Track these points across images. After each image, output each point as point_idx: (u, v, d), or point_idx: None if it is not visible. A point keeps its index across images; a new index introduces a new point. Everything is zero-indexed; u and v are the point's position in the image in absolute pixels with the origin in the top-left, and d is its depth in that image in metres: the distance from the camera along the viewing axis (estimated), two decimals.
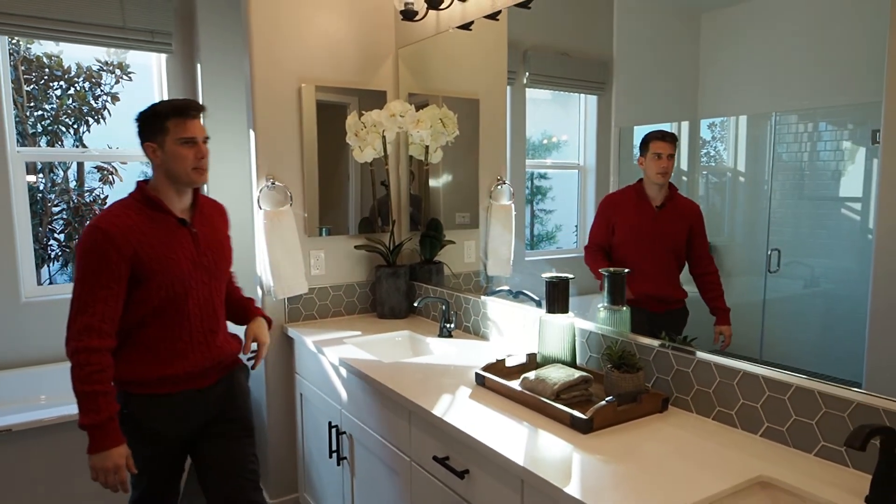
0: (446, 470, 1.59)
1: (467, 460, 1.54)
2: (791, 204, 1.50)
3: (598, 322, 1.88)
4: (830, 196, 1.40)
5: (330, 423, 2.29)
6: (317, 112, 2.69)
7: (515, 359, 1.95)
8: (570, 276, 1.86)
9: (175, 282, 1.73)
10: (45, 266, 3.65)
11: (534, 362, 1.93)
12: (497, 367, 1.90)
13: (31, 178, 3.38)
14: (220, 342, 1.87)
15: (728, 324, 1.62)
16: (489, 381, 1.81)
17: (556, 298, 1.85)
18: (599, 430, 1.50)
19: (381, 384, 1.89)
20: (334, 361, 2.21)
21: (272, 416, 2.71)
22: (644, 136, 1.80)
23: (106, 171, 3.75)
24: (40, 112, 3.54)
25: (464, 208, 2.64)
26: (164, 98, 3.52)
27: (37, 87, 3.51)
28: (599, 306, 1.86)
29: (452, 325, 2.47)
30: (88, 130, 3.65)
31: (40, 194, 3.57)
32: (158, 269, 1.70)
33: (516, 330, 2.25)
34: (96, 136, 3.66)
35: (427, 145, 2.66)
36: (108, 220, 1.67)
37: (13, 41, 3.30)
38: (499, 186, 2.42)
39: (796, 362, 1.44)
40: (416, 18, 2.54)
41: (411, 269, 2.84)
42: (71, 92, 3.59)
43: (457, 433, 1.54)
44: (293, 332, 2.58)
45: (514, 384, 1.74)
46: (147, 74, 3.58)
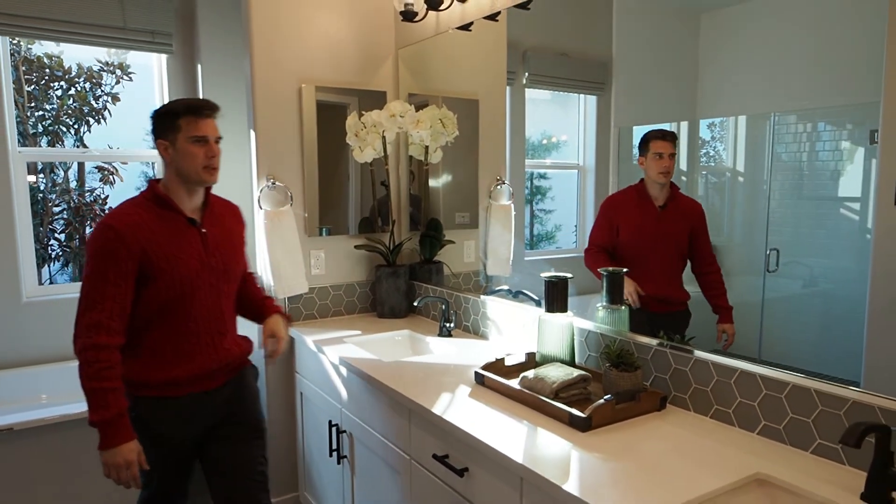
0: (446, 468, 1.60)
1: (467, 458, 1.55)
2: (790, 204, 1.50)
3: (596, 321, 1.89)
4: (829, 196, 1.40)
5: (330, 421, 2.30)
6: (317, 112, 2.69)
7: (515, 358, 1.96)
8: (568, 276, 1.86)
9: (182, 281, 1.72)
10: (46, 266, 3.66)
11: (533, 361, 1.94)
12: (496, 366, 1.90)
13: (32, 178, 3.39)
14: (227, 344, 1.86)
15: (731, 322, 1.62)
16: (488, 379, 1.82)
17: (555, 298, 1.86)
18: (598, 429, 1.51)
19: (381, 383, 1.90)
20: (334, 361, 2.22)
21: (272, 416, 2.72)
22: (643, 136, 1.79)
23: (106, 172, 3.76)
24: (41, 112, 3.54)
25: (463, 208, 2.65)
26: (165, 99, 3.55)
27: (37, 87, 3.51)
28: (598, 305, 1.87)
29: (452, 325, 2.48)
30: (89, 130, 3.66)
31: (41, 194, 3.57)
32: (166, 268, 1.69)
33: (515, 329, 2.26)
34: (97, 137, 3.66)
35: (427, 145, 2.66)
36: (118, 218, 1.67)
37: (14, 41, 3.31)
38: (498, 186, 2.43)
39: (795, 362, 1.44)
40: (416, 19, 2.55)
41: (411, 268, 2.85)
42: (72, 92, 3.60)
43: (456, 431, 1.55)
44: (293, 331, 2.58)
45: (514, 383, 1.75)
46: (148, 75, 3.59)
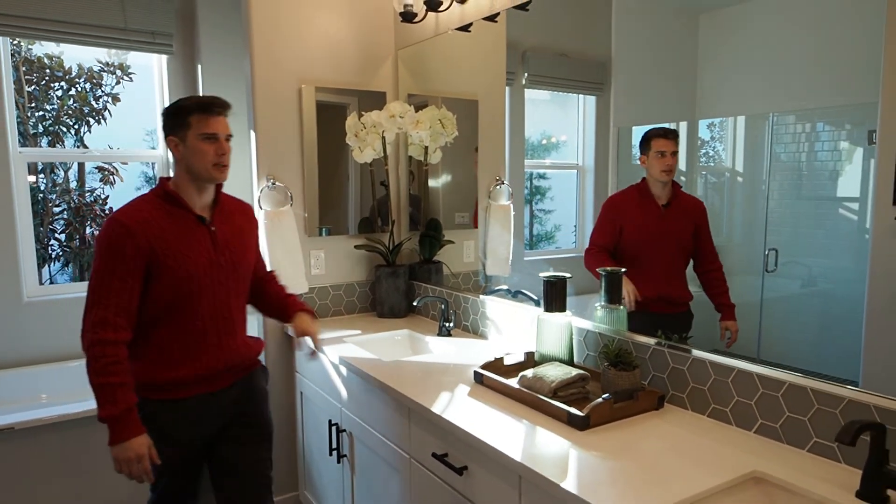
0: (445, 466, 1.61)
1: (466, 457, 1.56)
2: (789, 204, 1.50)
3: (595, 321, 1.90)
4: (828, 196, 1.41)
5: (330, 421, 2.31)
6: (317, 113, 2.70)
7: (514, 357, 1.97)
8: (567, 276, 1.87)
9: (189, 279, 1.71)
10: (46, 266, 3.67)
11: (532, 360, 1.95)
12: (495, 366, 1.91)
13: (32, 179, 3.40)
14: (235, 345, 1.84)
15: (734, 319, 1.61)
16: (488, 379, 1.83)
17: (554, 297, 1.86)
18: (596, 427, 1.52)
19: (380, 382, 1.90)
20: (334, 360, 2.23)
21: (273, 415, 2.71)
22: (644, 134, 1.78)
23: (107, 172, 3.77)
24: (41, 112, 3.55)
25: (463, 208, 2.66)
26: (165, 99, 3.55)
27: (38, 87, 3.52)
28: (597, 305, 1.88)
29: (451, 324, 2.48)
30: (89, 131, 3.67)
31: (41, 194, 3.58)
32: (173, 265, 1.68)
33: (514, 329, 2.27)
34: (97, 137, 3.67)
35: (426, 146, 2.67)
36: (128, 214, 1.66)
37: (14, 42, 3.32)
38: (498, 187, 2.43)
39: (794, 362, 1.45)
40: (416, 20, 2.55)
41: (411, 268, 2.86)
42: (72, 92, 3.61)
43: (456, 430, 1.56)
44: (293, 330, 2.59)
45: (513, 382, 1.76)
46: (148, 75, 3.60)
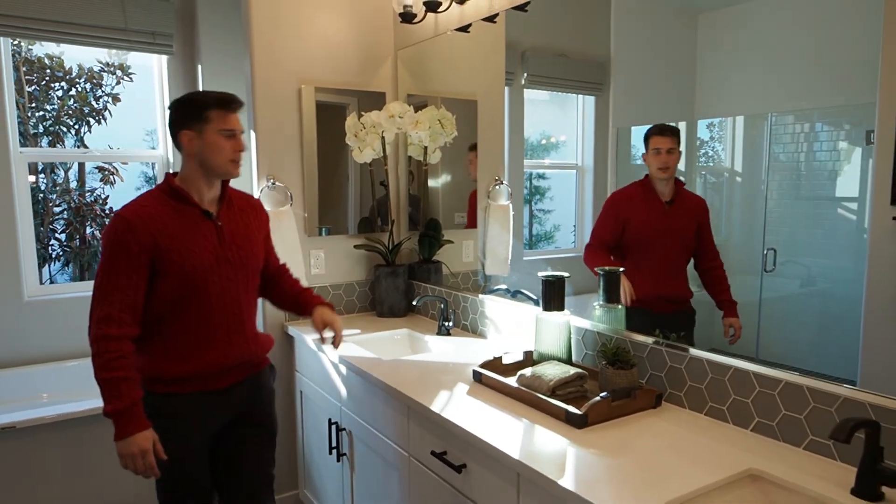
0: (444, 464, 1.62)
1: (465, 455, 1.57)
2: (787, 204, 1.50)
3: (593, 320, 1.91)
4: (826, 196, 1.41)
5: (330, 420, 2.32)
6: (316, 113, 2.71)
7: (512, 356, 1.97)
8: (565, 275, 1.88)
9: (195, 275, 1.69)
10: (46, 266, 3.68)
11: (530, 359, 1.96)
12: (494, 365, 1.92)
13: (32, 179, 3.41)
14: (243, 341, 1.81)
15: (736, 316, 1.60)
16: (486, 377, 1.84)
17: (553, 297, 1.87)
18: (594, 425, 1.53)
19: (380, 381, 1.91)
20: (334, 359, 2.23)
21: None
22: (646, 132, 1.79)
23: (107, 172, 3.78)
24: (42, 113, 3.56)
25: (462, 208, 2.66)
26: (165, 99, 3.56)
27: (38, 87, 3.53)
28: (595, 304, 1.89)
29: (451, 324, 2.49)
30: (89, 131, 3.68)
31: (41, 194, 3.59)
32: (178, 261, 1.67)
33: (513, 328, 2.27)
34: (97, 137, 3.68)
35: (426, 146, 2.68)
36: (132, 210, 1.66)
37: (15, 42, 3.32)
38: (497, 187, 2.44)
39: (793, 361, 1.45)
40: (415, 21, 2.56)
41: (410, 268, 2.87)
42: (72, 93, 3.62)
43: (455, 429, 1.57)
44: (293, 330, 2.60)
45: (511, 381, 1.76)
46: (148, 75, 3.60)
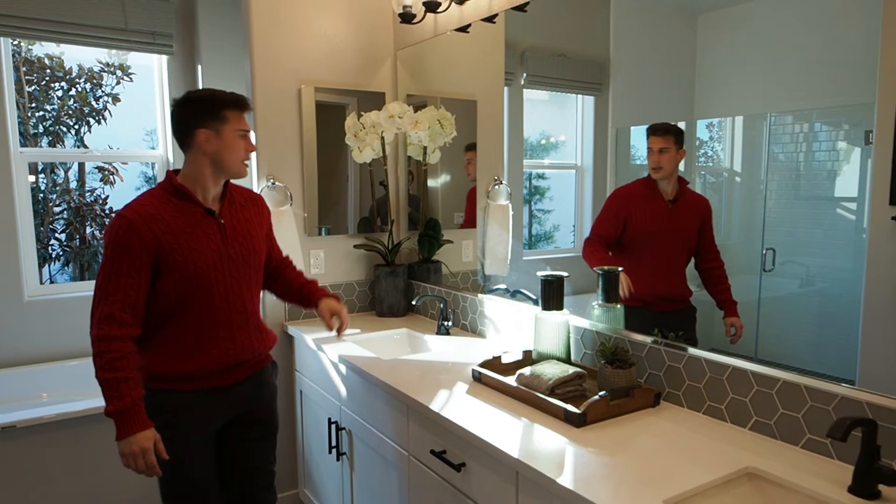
0: (443, 463, 1.62)
1: (464, 454, 1.57)
2: (786, 204, 1.51)
3: (592, 319, 1.92)
4: (825, 196, 1.41)
5: (329, 419, 2.32)
6: (316, 113, 2.71)
7: (511, 355, 1.98)
8: (564, 275, 1.88)
9: (198, 273, 1.69)
10: (47, 265, 3.68)
11: (529, 359, 1.96)
12: (493, 364, 1.93)
13: (32, 179, 3.41)
14: (246, 339, 1.81)
15: (737, 315, 1.61)
16: (486, 377, 1.85)
17: (551, 296, 1.88)
18: (592, 424, 1.53)
19: (380, 380, 1.92)
20: (334, 359, 2.24)
21: None
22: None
23: (107, 172, 3.79)
24: (42, 113, 3.57)
25: (462, 208, 2.67)
26: (165, 99, 3.57)
27: (38, 87, 3.54)
28: (594, 304, 1.89)
29: (450, 323, 2.50)
30: (89, 131, 3.69)
31: (42, 194, 3.60)
32: (181, 260, 1.66)
33: (512, 327, 2.28)
34: (97, 137, 3.69)
35: (425, 146, 2.69)
36: (134, 209, 1.65)
37: (15, 42, 3.33)
38: (496, 186, 2.45)
39: (792, 361, 1.45)
40: (415, 21, 2.57)
41: (410, 268, 2.87)
42: (72, 93, 3.62)
43: (454, 427, 1.58)
44: (293, 329, 2.61)
45: (510, 380, 1.77)
46: (148, 75, 3.61)
